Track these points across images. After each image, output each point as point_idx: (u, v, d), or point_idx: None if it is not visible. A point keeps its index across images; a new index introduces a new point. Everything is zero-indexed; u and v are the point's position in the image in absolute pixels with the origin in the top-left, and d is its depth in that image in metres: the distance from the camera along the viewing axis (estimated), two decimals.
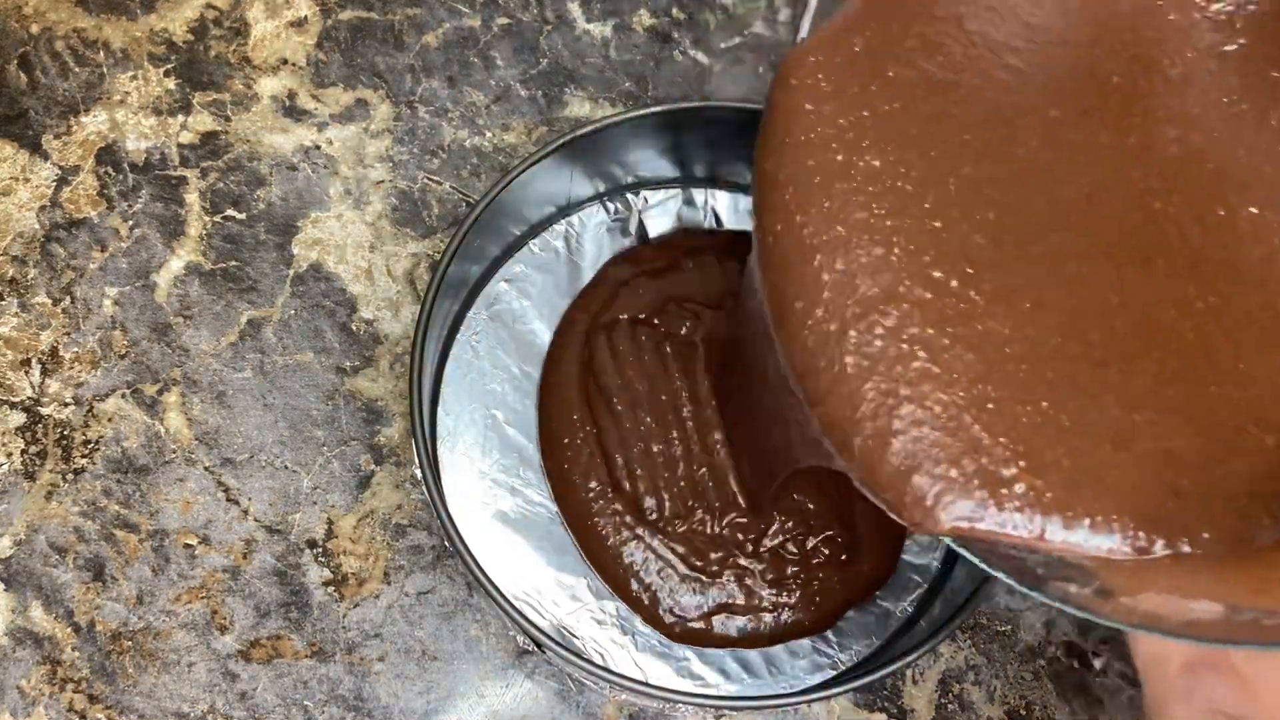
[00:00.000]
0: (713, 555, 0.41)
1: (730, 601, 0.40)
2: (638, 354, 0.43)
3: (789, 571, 0.40)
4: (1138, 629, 0.23)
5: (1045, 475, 0.24)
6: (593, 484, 0.41)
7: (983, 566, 0.25)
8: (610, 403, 0.42)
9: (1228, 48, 0.27)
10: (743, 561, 0.41)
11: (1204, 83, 0.27)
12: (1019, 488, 0.24)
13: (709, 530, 0.41)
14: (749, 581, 0.40)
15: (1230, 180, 0.26)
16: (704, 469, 0.42)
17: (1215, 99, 0.27)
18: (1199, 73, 0.27)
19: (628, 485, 0.41)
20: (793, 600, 0.40)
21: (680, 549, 0.41)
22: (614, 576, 0.40)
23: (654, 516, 0.41)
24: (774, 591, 0.40)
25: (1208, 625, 0.23)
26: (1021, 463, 0.24)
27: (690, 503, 0.41)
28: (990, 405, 0.24)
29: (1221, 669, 0.26)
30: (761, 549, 0.41)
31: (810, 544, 0.41)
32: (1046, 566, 0.24)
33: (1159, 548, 0.24)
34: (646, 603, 0.40)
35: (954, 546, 0.25)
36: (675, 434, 0.42)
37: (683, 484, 0.41)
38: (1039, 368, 0.25)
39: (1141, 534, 0.24)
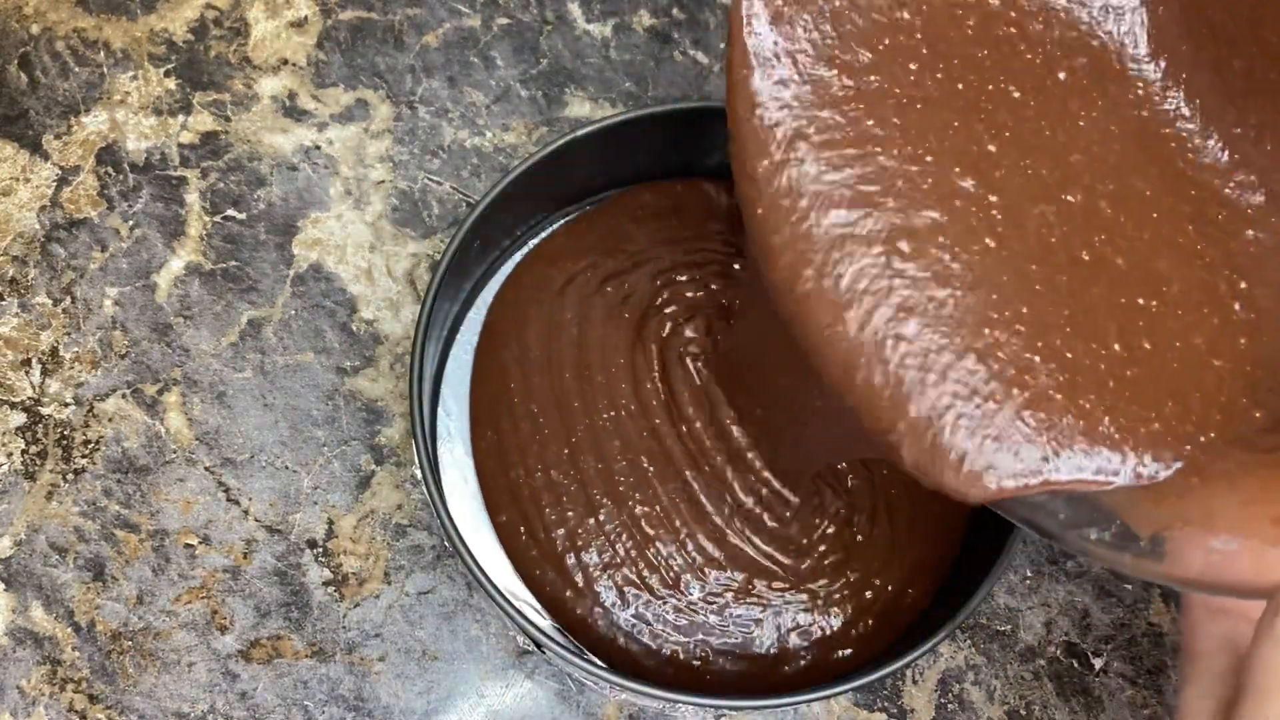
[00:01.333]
0: (694, 645, 0.34)
1: (745, 671, 0.35)
2: (541, 298, 0.34)
3: (794, 642, 0.35)
4: (1162, 581, 0.23)
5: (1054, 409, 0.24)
6: (503, 517, 0.35)
7: (1005, 516, 0.25)
8: (507, 391, 0.34)
9: (1062, 76, 0.27)
10: (733, 648, 0.34)
11: (1042, 124, 0.27)
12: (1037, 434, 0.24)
13: (676, 608, 0.33)
14: (757, 650, 0.35)
15: (1071, 182, 0.27)
16: (626, 511, 0.33)
17: (1068, 129, 0.27)
18: (1048, 124, 0.27)
19: (541, 532, 0.34)
20: (805, 662, 0.36)
21: (653, 641, 0.34)
22: (592, 645, 0.34)
23: (581, 582, 0.33)
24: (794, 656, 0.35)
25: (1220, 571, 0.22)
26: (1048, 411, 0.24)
27: (632, 579, 0.33)
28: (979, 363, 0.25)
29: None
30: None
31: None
32: (1069, 509, 0.24)
33: (1143, 454, 0.24)
34: (641, 667, 0.35)
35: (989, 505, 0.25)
36: (573, 440, 0.33)
37: (609, 545, 0.33)
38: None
39: (1121, 437, 0.24)
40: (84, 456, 0.41)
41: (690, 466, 0.35)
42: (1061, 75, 0.27)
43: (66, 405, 0.42)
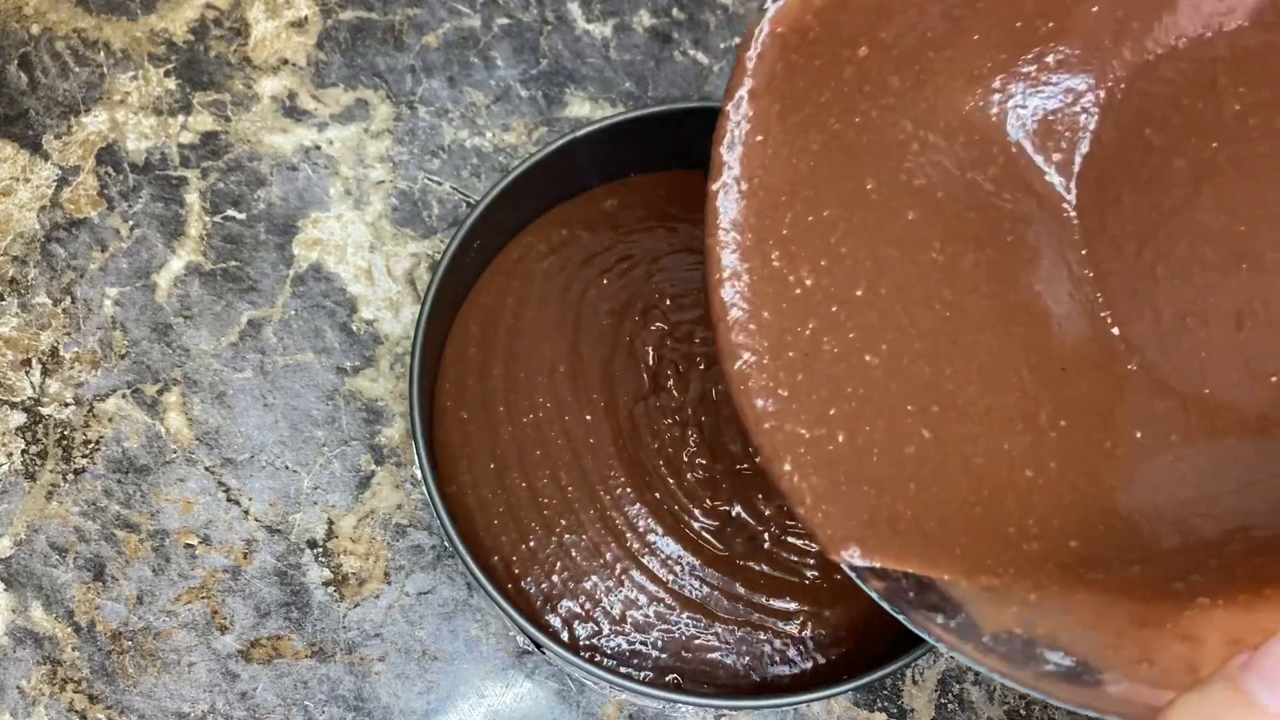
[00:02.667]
0: (660, 676, 0.30)
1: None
2: (493, 281, 0.28)
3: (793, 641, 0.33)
4: (991, 674, 0.23)
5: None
6: (463, 528, 0.31)
7: (859, 583, 0.25)
8: (442, 392, 0.30)
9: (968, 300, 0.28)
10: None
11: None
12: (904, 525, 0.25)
13: (628, 643, 0.29)
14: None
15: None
16: (555, 539, 0.28)
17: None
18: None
19: (481, 556, 0.30)
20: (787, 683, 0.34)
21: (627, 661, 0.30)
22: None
23: (527, 611, 0.30)
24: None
25: (1053, 684, 0.22)
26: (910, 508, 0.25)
27: (577, 613, 0.28)
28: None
29: None
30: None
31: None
32: (918, 591, 0.25)
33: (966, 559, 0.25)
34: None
35: (844, 566, 0.25)
36: (497, 451, 0.29)
37: (545, 576, 0.29)
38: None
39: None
40: (84, 456, 0.41)
41: (601, 484, 0.30)
42: (969, 299, 0.28)
43: (66, 405, 0.42)
